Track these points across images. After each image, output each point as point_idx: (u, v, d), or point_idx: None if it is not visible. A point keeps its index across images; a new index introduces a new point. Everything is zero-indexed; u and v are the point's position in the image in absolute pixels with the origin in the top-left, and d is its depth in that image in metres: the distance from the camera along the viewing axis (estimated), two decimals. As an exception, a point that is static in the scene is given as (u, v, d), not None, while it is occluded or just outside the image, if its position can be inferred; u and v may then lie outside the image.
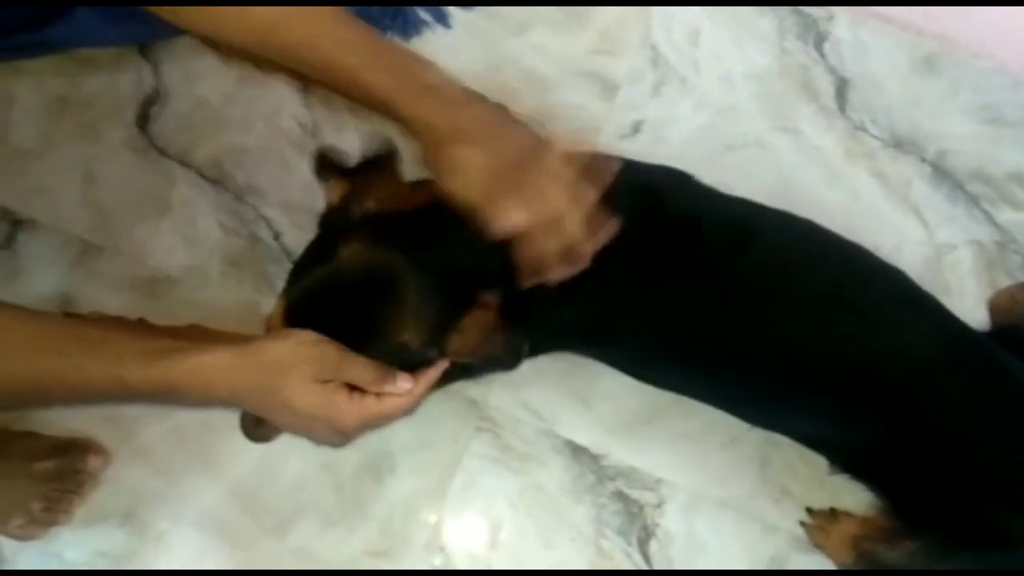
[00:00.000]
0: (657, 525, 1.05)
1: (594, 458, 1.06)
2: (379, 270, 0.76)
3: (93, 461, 1.00)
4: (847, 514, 1.02)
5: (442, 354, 0.79)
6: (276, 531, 1.03)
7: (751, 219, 0.92)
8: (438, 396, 1.03)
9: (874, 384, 0.86)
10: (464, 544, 1.04)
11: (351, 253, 0.76)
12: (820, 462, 1.03)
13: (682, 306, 0.88)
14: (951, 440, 0.86)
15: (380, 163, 0.86)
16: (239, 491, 1.03)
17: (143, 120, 1.12)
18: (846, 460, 0.99)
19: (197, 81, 1.14)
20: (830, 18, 1.21)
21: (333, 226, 0.82)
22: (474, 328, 0.78)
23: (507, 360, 0.83)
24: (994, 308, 1.10)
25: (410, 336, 0.76)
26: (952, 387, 0.87)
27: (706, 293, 0.87)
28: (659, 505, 1.05)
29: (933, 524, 0.89)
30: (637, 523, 1.05)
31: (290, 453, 1.04)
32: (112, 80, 1.12)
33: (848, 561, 0.99)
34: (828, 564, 1.03)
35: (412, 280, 0.76)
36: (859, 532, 0.98)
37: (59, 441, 1.00)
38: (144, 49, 1.14)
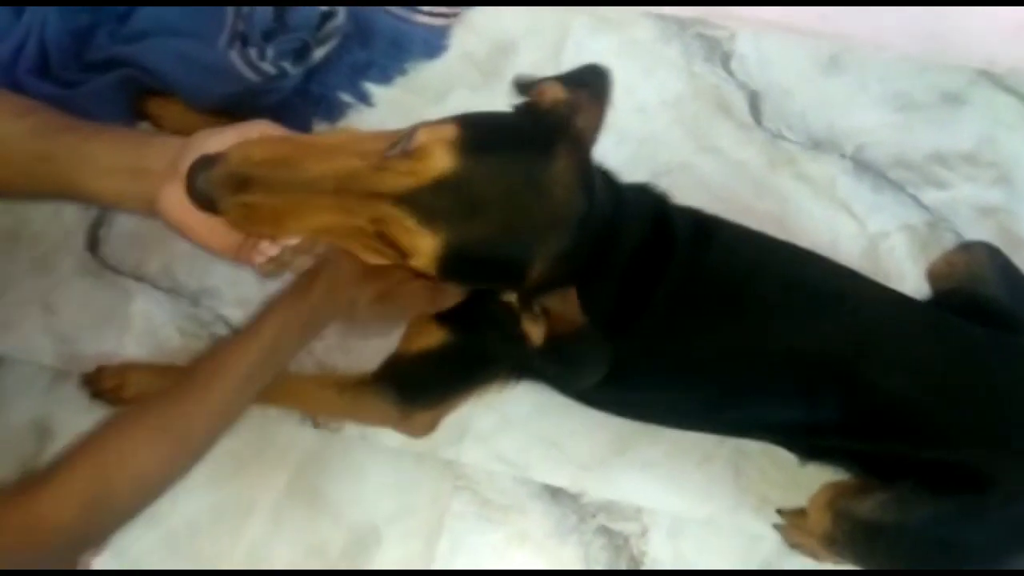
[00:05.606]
0: (644, 553, 1.07)
1: (573, 497, 1.09)
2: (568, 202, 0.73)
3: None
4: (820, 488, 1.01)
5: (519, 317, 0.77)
6: (275, 621, 1.05)
7: (703, 221, 0.94)
8: (412, 461, 1.07)
9: (830, 356, 0.89)
10: (460, 603, 1.06)
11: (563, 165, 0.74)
12: (790, 464, 1.05)
13: (662, 313, 0.88)
14: (907, 395, 0.89)
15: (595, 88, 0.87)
16: (234, 587, 1.06)
17: (93, 244, 1.16)
18: (813, 447, 1.01)
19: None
20: (732, 36, 1.26)
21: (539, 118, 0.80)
22: (561, 305, 0.75)
23: (590, 359, 0.78)
24: (933, 275, 1.14)
25: (536, 268, 0.73)
26: (903, 342, 0.91)
27: (678, 296, 0.88)
28: (643, 534, 1.07)
29: (904, 476, 0.90)
30: (624, 554, 1.07)
31: (276, 543, 1.06)
32: (57, 211, 1.16)
33: (828, 527, 0.95)
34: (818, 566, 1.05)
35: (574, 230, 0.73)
36: (832, 494, 0.97)
37: None
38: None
